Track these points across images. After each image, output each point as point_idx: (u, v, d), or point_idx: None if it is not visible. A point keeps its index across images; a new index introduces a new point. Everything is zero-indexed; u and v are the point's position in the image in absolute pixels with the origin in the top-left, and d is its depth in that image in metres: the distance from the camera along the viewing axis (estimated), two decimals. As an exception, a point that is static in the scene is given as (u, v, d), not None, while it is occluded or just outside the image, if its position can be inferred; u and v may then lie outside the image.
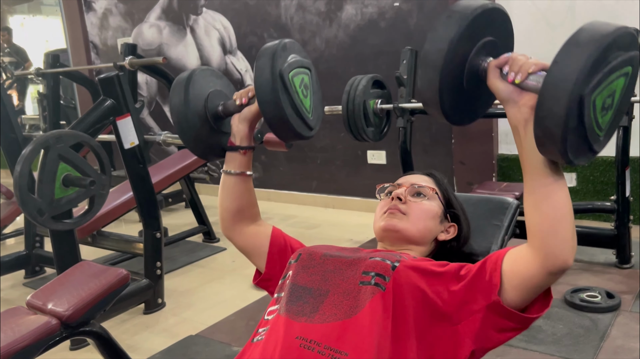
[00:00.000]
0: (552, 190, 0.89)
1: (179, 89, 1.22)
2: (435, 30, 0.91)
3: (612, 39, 0.79)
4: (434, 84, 0.90)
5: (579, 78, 0.77)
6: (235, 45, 4.70)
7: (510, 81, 0.89)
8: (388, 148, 3.93)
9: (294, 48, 1.21)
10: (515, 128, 0.91)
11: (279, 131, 1.18)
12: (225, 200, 1.27)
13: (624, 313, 2.29)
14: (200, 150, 1.27)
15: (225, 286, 2.98)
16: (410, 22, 3.71)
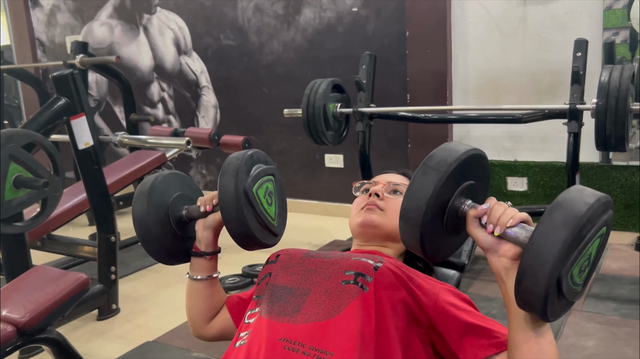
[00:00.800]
0: (534, 338, 0.89)
1: (141, 199, 1.21)
2: (412, 186, 0.91)
3: (586, 219, 0.80)
4: (416, 237, 0.92)
5: (556, 265, 0.79)
6: (190, 46, 4.63)
7: (489, 232, 0.91)
8: (346, 152, 3.96)
9: (258, 157, 1.22)
10: (497, 274, 0.92)
11: (244, 245, 1.19)
12: (196, 303, 1.28)
13: (574, 312, 2.38)
14: (163, 258, 1.27)
15: (182, 291, 2.85)
16: (368, 28, 3.75)
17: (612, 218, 0.87)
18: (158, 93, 4.90)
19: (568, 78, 3.10)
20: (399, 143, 3.76)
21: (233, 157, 1.18)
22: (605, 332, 2.19)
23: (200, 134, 3.47)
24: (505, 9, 3.31)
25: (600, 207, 0.83)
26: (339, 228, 3.79)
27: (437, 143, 3.59)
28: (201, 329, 1.29)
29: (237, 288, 2.81)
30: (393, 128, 3.72)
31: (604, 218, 0.84)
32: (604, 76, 2.43)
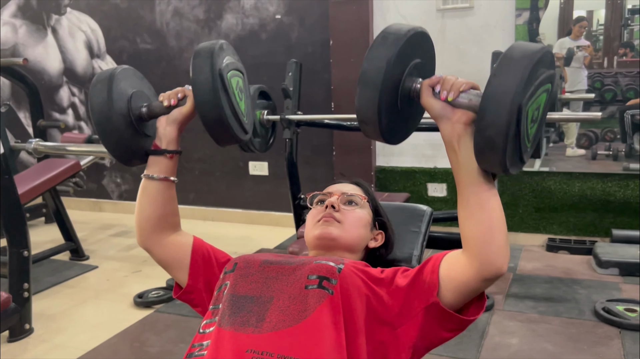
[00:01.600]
0: (486, 199, 0.92)
1: (101, 87, 1.12)
2: (372, 49, 0.93)
3: (540, 56, 0.86)
4: (374, 103, 0.92)
5: (518, 90, 0.83)
6: (104, 49, 4.42)
7: (442, 99, 0.93)
8: (270, 160, 3.93)
9: (229, 50, 1.17)
10: (449, 143, 0.94)
11: (216, 133, 1.12)
12: (146, 208, 1.18)
13: (497, 311, 2.49)
14: (123, 154, 1.17)
15: (101, 307, 2.75)
16: (292, 35, 3.75)
17: (555, 80, 0.93)
18: (68, 98, 4.63)
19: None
20: (324, 151, 3.78)
21: (205, 43, 1.12)
22: (527, 329, 2.31)
23: (118, 141, 3.31)
24: (425, 20, 3.43)
25: (548, 55, 0.89)
26: (265, 236, 3.75)
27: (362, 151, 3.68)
28: (149, 240, 1.19)
29: (162, 302, 2.69)
30: (318, 136, 3.74)
31: (551, 73, 0.90)
32: (520, 87, 2.57)
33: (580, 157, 3.54)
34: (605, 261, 2.88)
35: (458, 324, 0.99)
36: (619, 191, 3.24)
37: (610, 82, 3.50)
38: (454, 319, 0.98)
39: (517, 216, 3.46)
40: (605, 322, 2.32)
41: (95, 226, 4.25)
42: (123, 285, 3.02)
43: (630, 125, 3.46)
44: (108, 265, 3.36)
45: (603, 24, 3.53)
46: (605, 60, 3.54)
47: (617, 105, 3.49)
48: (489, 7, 3.30)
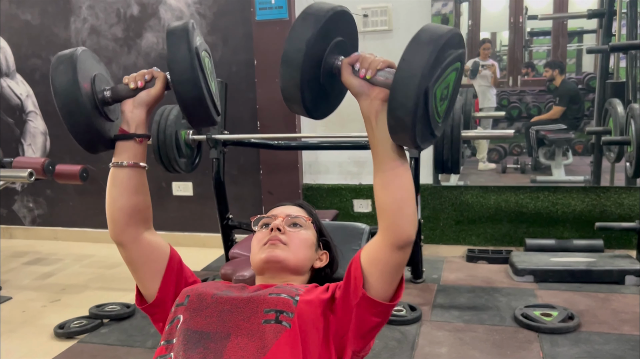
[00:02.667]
0: (399, 172, 0.99)
1: (65, 67, 1.05)
2: (293, 30, 0.97)
3: (447, 38, 0.91)
4: (295, 81, 0.97)
5: (424, 73, 0.88)
6: (13, 68, 4.19)
7: (361, 77, 0.98)
8: (195, 179, 3.86)
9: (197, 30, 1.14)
10: (367, 119, 1.00)
11: (194, 113, 1.09)
12: (119, 197, 1.11)
13: (425, 322, 2.58)
14: (91, 140, 1.10)
15: (18, 342, 2.58)
16: (215, 55, 3.74)
17: (464, 58, 0.99)
18: (-27, 118, 4.35)
19: (405, 108, 3.40)
20: (251, 170, 3.77)
21: (176, 23, 1.08)
22: (454, 338, 2.41)
23: (32, 164, 3.14)
24: (347, 42, 3.53)
25: (456, 37, 0.94)
26: (191, 258, 3.63)
27: (288, 169, 3.72)
28: (123, 233, 1.13)
29: (86, 331, 2.57)
30: (244, 155, 3.73)
31: (460, 52, 0.95)
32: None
33: (491, 170, 3.76)
34: (521, 269, 3.06)
35: (384, 312, 1.05)
36: (530, 202, 3.46)
37: (516, 99, 3.76)
38: (381, 306, 1.03)
39: (438, 229, 3.60)
40: (524, 327, 2.46)
41: (6, 255, 3.99)
42: (41, 316, 2.85)
43: (535, 140, 3.72)
44: (23, 295, 3.16)
45: (507, 45, 3.79)
46: (510, 79, 3.79)
47: (523, 121, 3.74)
48: (406, 30, 3.45)
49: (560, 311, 2.53)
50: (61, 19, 4.01)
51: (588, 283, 2.95)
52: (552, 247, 3.31)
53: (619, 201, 3.34)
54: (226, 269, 2.32)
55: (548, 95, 3.68)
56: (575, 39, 3.77)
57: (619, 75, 3.47)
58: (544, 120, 3.70)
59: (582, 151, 3.65)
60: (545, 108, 3.71)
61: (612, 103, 3.09)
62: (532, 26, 3.71)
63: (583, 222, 3.38)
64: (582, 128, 3.62)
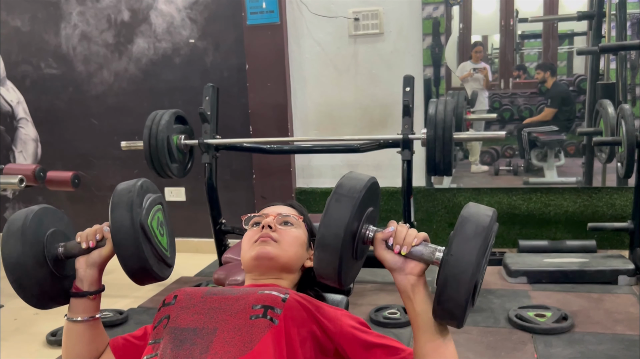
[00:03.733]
0: (444, 347, 0.97)
1: (14, 241, 1.10)
2: (328, 214, 0.95)
3: (490, 228, 0.92)
4: (334, 266, 0.96)
5: (475, 271, 0.89)
6: (3, 75, 4.17)
7: (396, 252, 0.98)
8: (187, 185, 3.85)
9: (147, 187, 1.17)
10: (404, 292, 0.99)
11: (140, 280, 1.13)
12: (74, 349, 1.16)
13: (419, 325, 2.57)
14: (42, 304, 1.15)
15: (10, 350, 2.56)
16: (207, 60, 3.73)
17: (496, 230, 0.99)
18: (-37, 126, 4.32)
19: (395, 111, 3.40)
20: (244, 174, 3.77)
21: (123, 189, 1.12)
22: (448, 340, 2.40)
23: (23, 171, 3.13)
24: (339, 46, 3.54)
25: (495, 218, 0.95)
26: (184, 264, 3.64)
27: (281, 173, 3.71)
28: None
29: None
30: (237, 160, 3.72)
31: (495, 229, 0.96)
32: (432, 109, 2.71)
33: (484, 172, 3.76)
34: (514, 271, 3.06)
35: None
36: (523, 204, 3.47)
37: (508, 102, 3.77)
38: None
39: (432, 232, 3.60)
40: (518, 328, 2.46)
41: (-3, 263, 3.96)
42: (33, 324, 2.83)
43: (527, 142, 3.74)
44: (14, 303, 3.13)
45: (498, 48, 3.81)
46: (502, 81, 3.81)
47: (515, 124, 3.76)
48: (397, 33, 3.46)
49: (554, 312, 2.53)
50: (52, 25, 4.00)
51: (581, 283, 2.96)
52: (545, 248, 3.31)
53: (610, 201, 3.35)
54: (219, 274, 2.31)
55: (540, 98, 3.70)
56: (566, 41, 3.79)
57: (609, 76, 3.48)
58: (535, 122, 3.72)
59: (574, 152, 3.66)
60: (537, 110, 3.73)
61: (603, 104, 3.11)
62: (523, 29, 3.73)
63: (576, 223, 3.39)
64: (573, 129, 3.63)
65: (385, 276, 3.23)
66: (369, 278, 3.19)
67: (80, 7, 3.93)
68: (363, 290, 3.08)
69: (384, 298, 2.93)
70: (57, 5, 3.97)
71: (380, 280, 3.19)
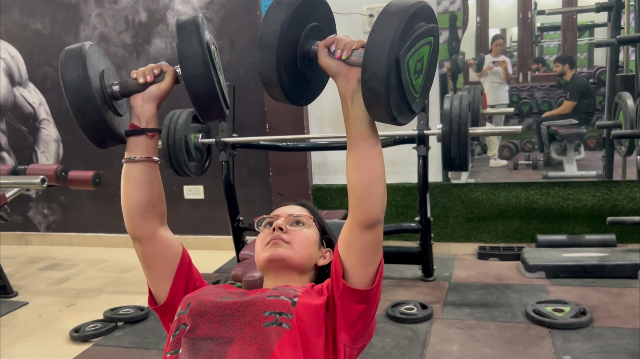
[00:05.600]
0: (372, 154, 1.01)
1: (74, 63, 1.06)
2: (267, 15, 1.00)
3: (415, 9, 0.94)
4: (272, 63, 0.99)
5: (394, 41, 0.90)
6: (26, 77, 4.26)
7: (337, 57, 1.00)
8: (205, 183, 3.90)
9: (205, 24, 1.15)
10: (343, 98, 1.02)
11: (206, 108, 1.10)
12: (133, 193, 1.13)
13: (437, 320, 2.58)
14: (101, 135, 1.11)
15: (35, 346, 2.62)
16: (223, 59, 3.77)
17: (438, 34, 1.02)
18: (-13, 127, 4.42)
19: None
20: (261, 172, 3.80)
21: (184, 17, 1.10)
22: (465, 336, 2.41)
23: (45, 171, 3.20)
24: (353, 42, 3.54)
25: (426, 9, 0.97)
26: (203, 261, 3.70)
27: (298, 170, 3.73)
28: (140, 228, 1.14)
29: (101, 335, 2.60)
30: (254, 158, 3.76)
31: (431, 26, 0.98)
32: (447, 104, 2.71)
33: (502, 167, 3.74)
34: (532, 266, 3.04)
35: (365, 294, 1.07)
36: (541, 198, 3.44)
37: (527, 95, 3.74)
38: (361, 293, 1.06)
39: (449, 227, 3.60)
40: (536, 323, 2.45)
41: (22, 261, 4.05)
42: (57, 320, 2.89)
43: (546, 136, 3.70)
44: (39, 300, 3.21)
45: (516, 41, 3.77)
46: (520, 75, 3.77)
47: (534, 117, 3.72)
48: (412, 28, 3.45)
49: (572, 307, 2.52)
50: (71, 27, 4.07)
51: (600, 278, 2.93)
52: (563, 243, 3.29)
53: (630, 195, 3.31)
54: (237, 270, 2.34)
55: (559, 90, 3.66)
56: (586, 32, 3.74)
57: (628, 68, 3.43)
58: (555, 116, 3.68)
59: (594, 146, 3.62)
60: (556, 103, 3.69)
61: (622, 97, 3.07)
62: (542, 21, 3.69)
63: (595, 217, 3.36)
64: (593, 122, 3.59)
65: (402, 271, 3.24)
66: (386, 274, 3.20)
67: (98, 8, 3.99)
68: (380, 285, 3.09)
69: (401, 294, 2.93)
70: (76, 8, 4.03)
71: (397, 276, 3.20)
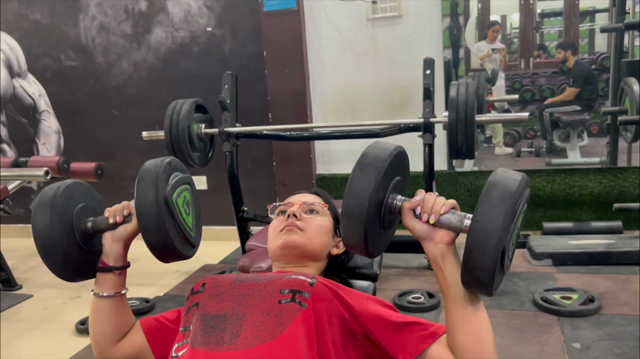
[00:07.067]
0: (475, 315, 0.96)
1: (42, 211, 1.11)
2: (352, 184, 0.94)
3: (519, 194, 0.89)
4: (360, 235, 0.95)
5: (501, 236, 0.86)
6: (25, 68, 4.22)
7: (424, 221, 0.96)
8: (209, 174, 3.87)
9: (175, 165, 1.18)
10: (434, 261, 0.98)
11: (161, 256, 1.13)
12: (100, 324, 1.18)
13: (444, 309, 2.56)
14: (68, 275, 1.16)
15: (40, 339, 2.61)
16: (225, 48, 3.73)
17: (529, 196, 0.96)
18: (-13, 120, 4.39)
19: (415, 94, 3.37)
20: (264, 162, 3.77)
21: (150, 164, 1.13)
22: (474, 324, 2.39)
23: (47, 163, 3.17)
24: (356, 30, 3.51)
25: (525, 184, 0.92)
26: (208, 252, 3.67)
27: (301, 160, 3.69)
28: (106, 351, 1.19)
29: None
30: (257, 147, 3.73)
31: (526, 194, 0.93)
32: (453, 91, 2.68)
33: (507, 155, 3.72)
34: (539, 253, 3.03)
35: None
36: (547, 186, 3.42)
37: (528, 82, 3.71)
38: None
39: (454, 216, 3.58)
40: (544, 311, 2.44)
41: (25, 253, 4.03)
42: (62, 313, 2.88)
43: (549, 123, 3.68)
44: (43, 292, 3.20)
45: (517, 28, 3.74)
46: (522, 62, 3.74)
47: (536, 104, 3.70)
48: (416, 15, 3.42)
49: (580, 294, 2.51)
50: (70, 17, 4.03)
51: (608, 265, 2.92)
52: (570, 230, 3.27)
53: (637, 181, 3.29)
54: (243, 261, 2.32)
55: (561, 77, 3.63)
56: (587, 18, 3.71)
57: (634, 53, 3.41)
58: (557, 102, 3.65)
59: (597, 132, 3.60)
60: (558, 90, 3.66)
61: (628, 82, 3.04)
62: (543, 7, 3.66)
63: (601, 204, 3.34)
64: (596, 109, 3.57)
65: (409, 260, 3.23)
66: (392, 263, 3.19)
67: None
68: (387, 274, 3.08)
69: (408, 283, 2.92)
70: (75, -3, 3.99)
71: (404, 265, 3.19)
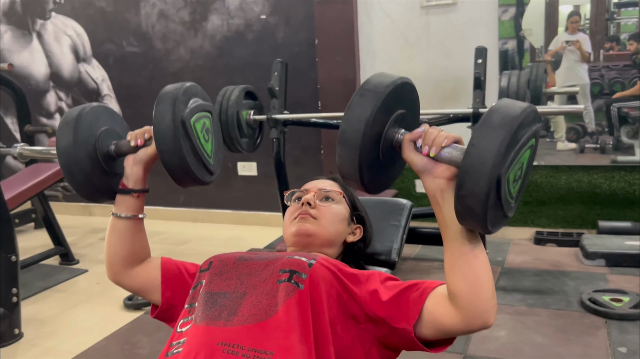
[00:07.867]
0: (472, 256, 0.91)
1: (66, 129, 1.14)
2: (350, 109, 0.91)
3: (520, 120, 0.83)
4: (354, 162, 0.91)
5: (496, 161, 0.81)
6: (90, 53, 4.41)
7: (424, 154, 0.92)
8: (259, 160, 3.93)
9: (196, 91, 1.18)
10: (432, 197, 0.93)
11: (178, 178, 1.14)
12: (115, 245, 1.21)
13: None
14: (89, 194, 1.19)
15: (92, 311, 2.75)
16: (278, 35, 3.76)
17: (540, 132, 0.90)
18: (55, 102, 4.62)
19: (468, 84, 3.27)
20: (313, 149, 3.79)
21: (170, 87, 1.13)
22: (515, 322, 2.33)
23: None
24: (409, 18, 3.45)
25: (532, 114, 0.86)
26: (255, 236, 3.75)
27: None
28: (119, 274, 1.23)
29: (153, 304, 2.69)
30: (306, 135, 3.75)
31: (534, 128, 0.87)
32: (504, 81, 2.60)
33: (570, 150, 3.56)
34: (592, 253, 2.90)
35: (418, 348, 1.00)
36: (604, 183, 3.27)
37: (597, 75, 3.53)
38: (418, 347, 0.99)
39: (505, 211, 3.48)
40: (591, 312, 2.34)
41: (84, 231, 4.24)
42: (113, 288, 2.96)
43: (617, 118, 3.49)
44: (98, 268, 3.36)
45: (589, 18, 3.56)
46: (592, 54, 3.57)
47: (604, 99, 3.52)
48: (472, 3, 3.32)
49: (632, 297, 2.39)
50: (132, 4, 4.17)
51: (666, 268, 2.77)
52: (627, 230, 3.11)
53: None
54: (281, 246, 2.35)
55: (633, 70, 3.44)
56: (667, 9, 3.49)
57: None
58: (627, 97, 3.47)
59: (668, 129, 3.40)
60: (629, 84, 3.47)
61: (700, 76, 2.85)
62: (620, -4, 3.47)
63: (664, 204, 3.16)
64: (669, 105, 3.37)
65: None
66: (432, 256, 3.14)
67: (158, -14, 4.07)
68: (430, 267, 3.03)
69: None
70: (138, -15, 4.13)
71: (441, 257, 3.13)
